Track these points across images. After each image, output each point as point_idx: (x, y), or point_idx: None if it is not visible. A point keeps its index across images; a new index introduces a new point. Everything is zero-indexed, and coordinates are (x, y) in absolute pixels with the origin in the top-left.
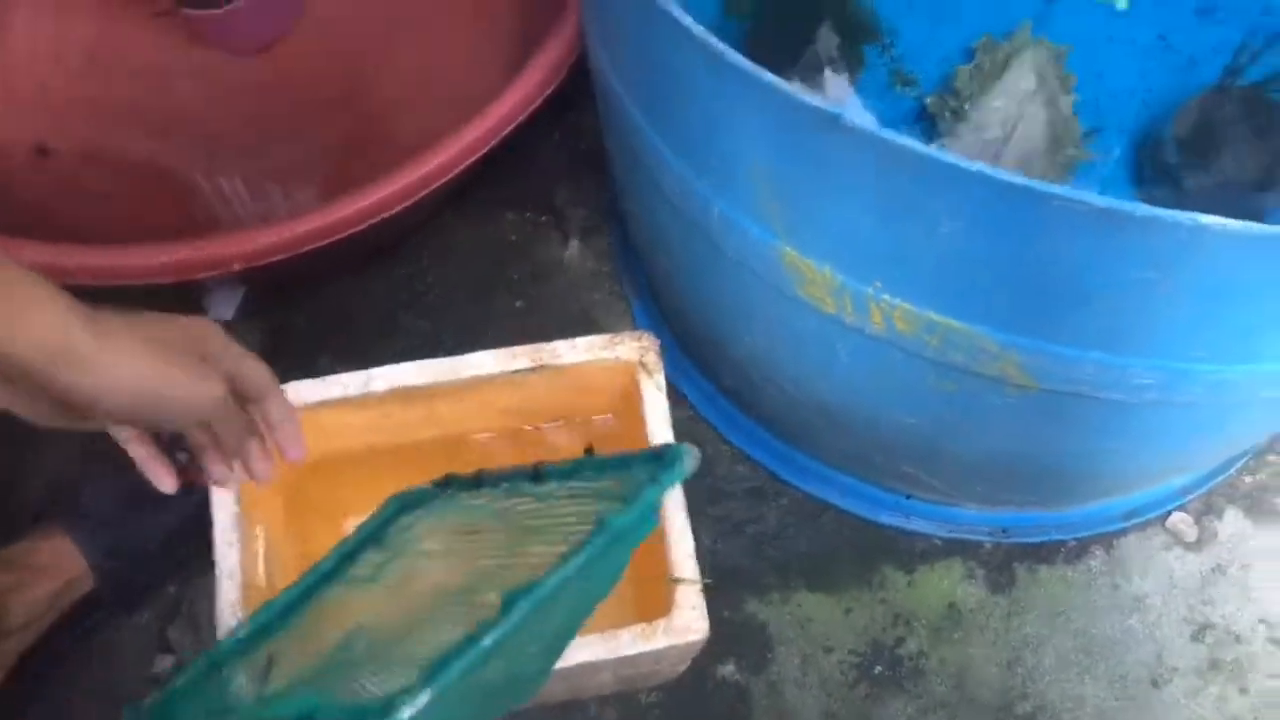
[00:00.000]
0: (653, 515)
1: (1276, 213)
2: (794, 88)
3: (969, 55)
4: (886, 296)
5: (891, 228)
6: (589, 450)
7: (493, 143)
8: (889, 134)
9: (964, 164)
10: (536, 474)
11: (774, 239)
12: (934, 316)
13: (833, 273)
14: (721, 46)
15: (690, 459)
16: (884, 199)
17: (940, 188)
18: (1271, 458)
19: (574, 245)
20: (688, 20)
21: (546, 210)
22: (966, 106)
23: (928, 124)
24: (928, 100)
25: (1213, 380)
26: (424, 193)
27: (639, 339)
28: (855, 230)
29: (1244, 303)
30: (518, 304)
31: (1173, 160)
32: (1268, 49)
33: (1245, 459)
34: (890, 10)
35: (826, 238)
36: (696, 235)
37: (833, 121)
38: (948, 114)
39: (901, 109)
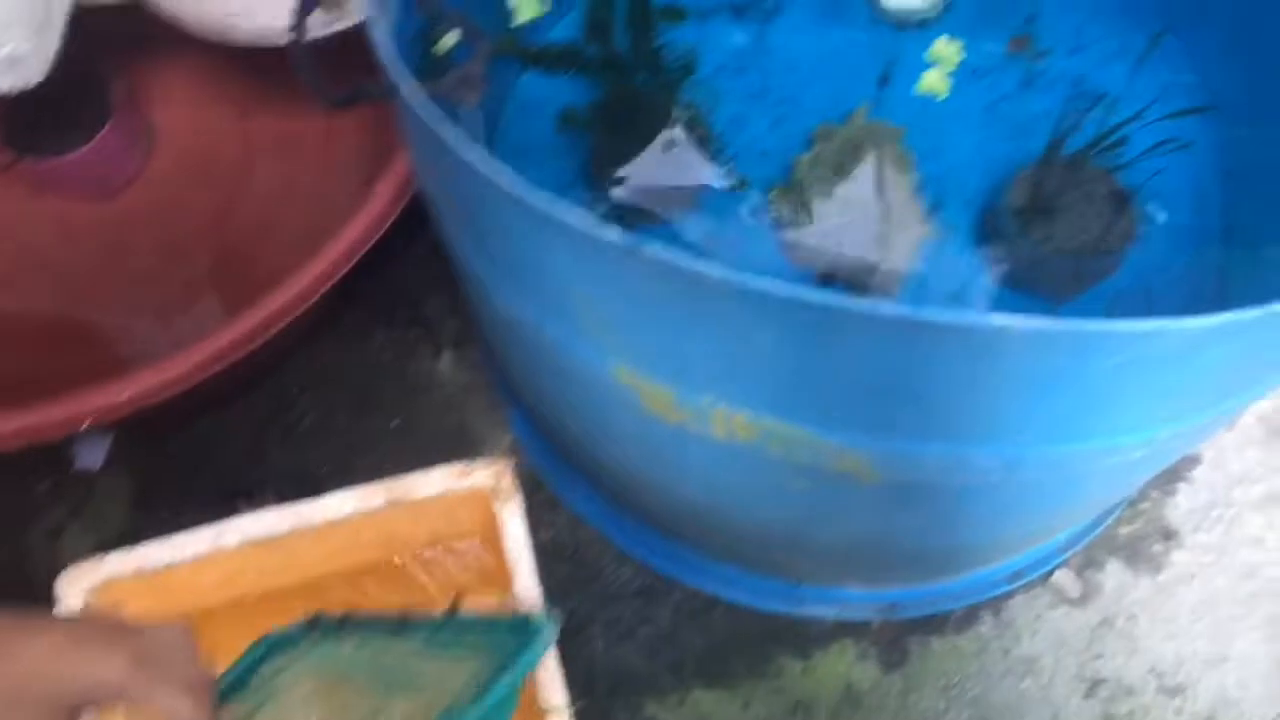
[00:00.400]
0: (512, 695)
1: (1121, 275)
2: (592, 223)
3: (809, 144)
4: (723, 407)
5: (710, 344)
6: (455, 606)
7: (337, 276)
8: (685, 260)
9: (754, 283)
10: (402, 626)
11: (607, 358)
12: (771, 423)
13: (667, 388)
14: (520, 187)
15: (549, 631)
16: (696, 319)
17: (742, 307)
18: (1144, 505)
19: (447, 357)
20: (483, 161)
21: (418, 323)
22: (807, 198)
23: (774, 216)
24: (770, 194)
25: (1051, 460)
26: (274, 330)
27: (493, 466)
28: (678, 348)
29: (1056, 391)
30: (394, 423)
31: (1011, 231)
32: (1085, 118)
33: (1119, 510)
34: (726, 115)
35: (653, 356)
36: (538, 354)
37: (632, 253)
38: (788, 207)
39: (753, 200)
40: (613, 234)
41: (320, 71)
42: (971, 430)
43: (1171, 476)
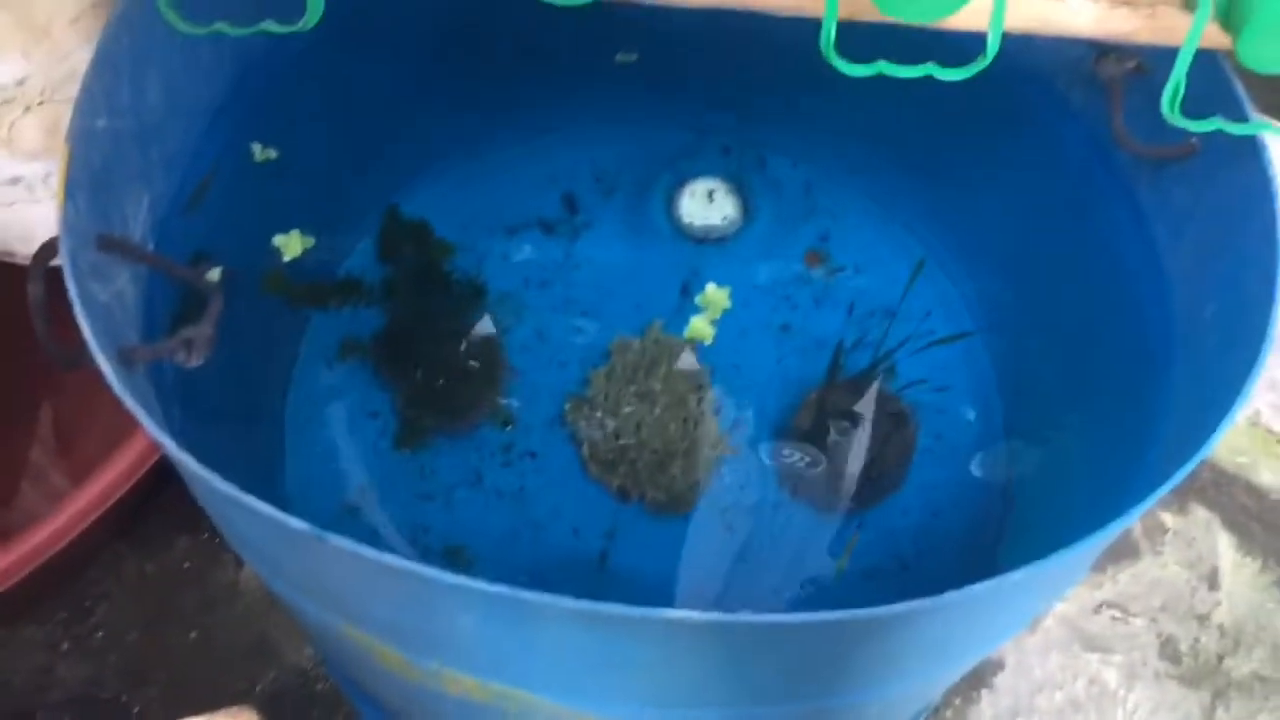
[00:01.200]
0: None
1: (896, 498)
2: (273, 511)
3: (607, 356)
4: (450, 671)
5: (415, 614)
6: None
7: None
8: (368, 551)
9: (434, 575)
10: None
11: (336, 618)
12: (500, 688)
13: (395, 651)
14: (203, 472)
15: None
16: (388, 594)
17: (432, 592)
18: (948, 713)
19: (249, 568)
20: (170, 445)
21: (220, 532)
22: (600, 414)
23: (572, 425)
24: (565, 406)
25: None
26: (48, 554)
27: (234, 716)
28: (392, 618)
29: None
30: (192, 635)
31: (797, 453)
32: (869, 336)
33: (923, 717)
34: (529, 328)
35: (370, 621)
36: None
37: (318, 540)
38: (583, 421)
39: (550, 413)
40: (299, 523)
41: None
42: (683, 696)
43: (975, 682)
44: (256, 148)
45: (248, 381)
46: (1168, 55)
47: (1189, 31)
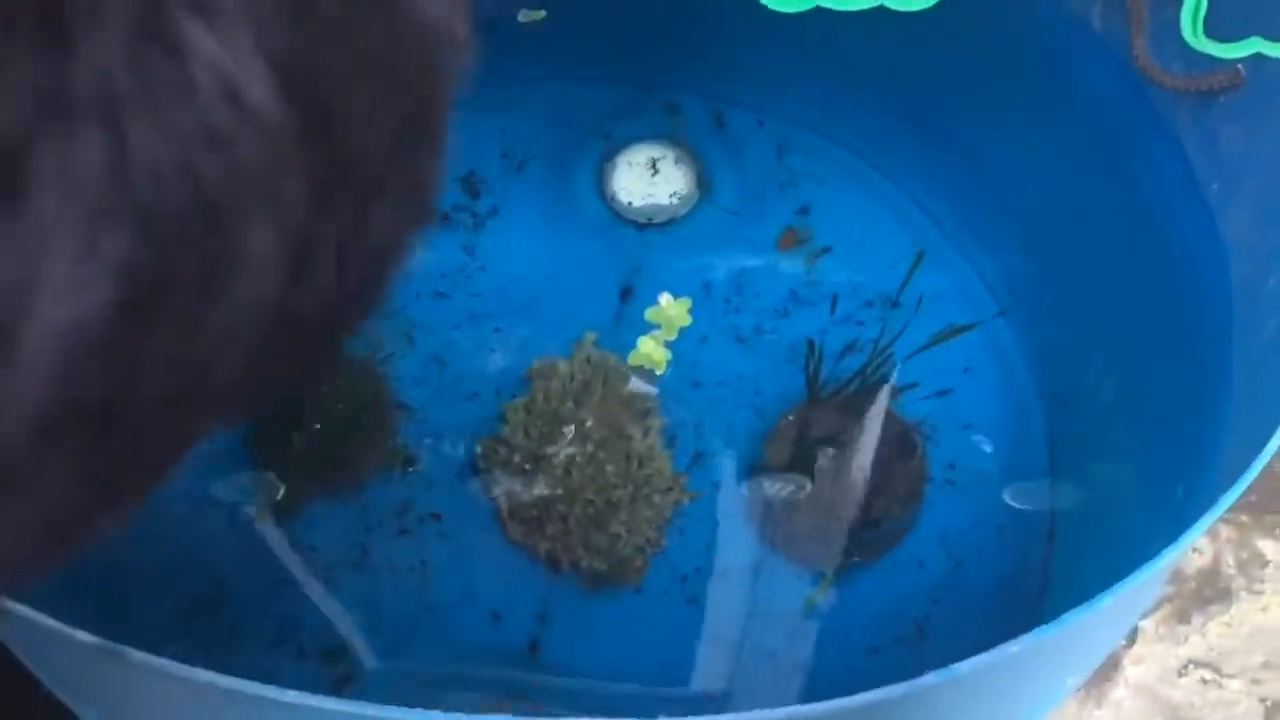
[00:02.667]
0: None
1: (906, 545)
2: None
3: (526, 383)
4: None
5: None
6: None
7: None
8: (162, 665)
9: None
10: None
11: None
12: None
13: None
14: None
15: None
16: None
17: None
18: None
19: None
20: None
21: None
22: (519, 458)
23: (485, 475)
24: (476, 450)
25: None
26: None
27: None
28: None
29: None
30: None
31: (774, 492)
32: (856, 343)
33: None
34: (425, 353)
35: None
36: None
37: (118, 655)
38: (498, 469)
39: (455, 461)
40: (94, 640)
41: None
42: None
43: None
44: None
45: None
46: None
47: None
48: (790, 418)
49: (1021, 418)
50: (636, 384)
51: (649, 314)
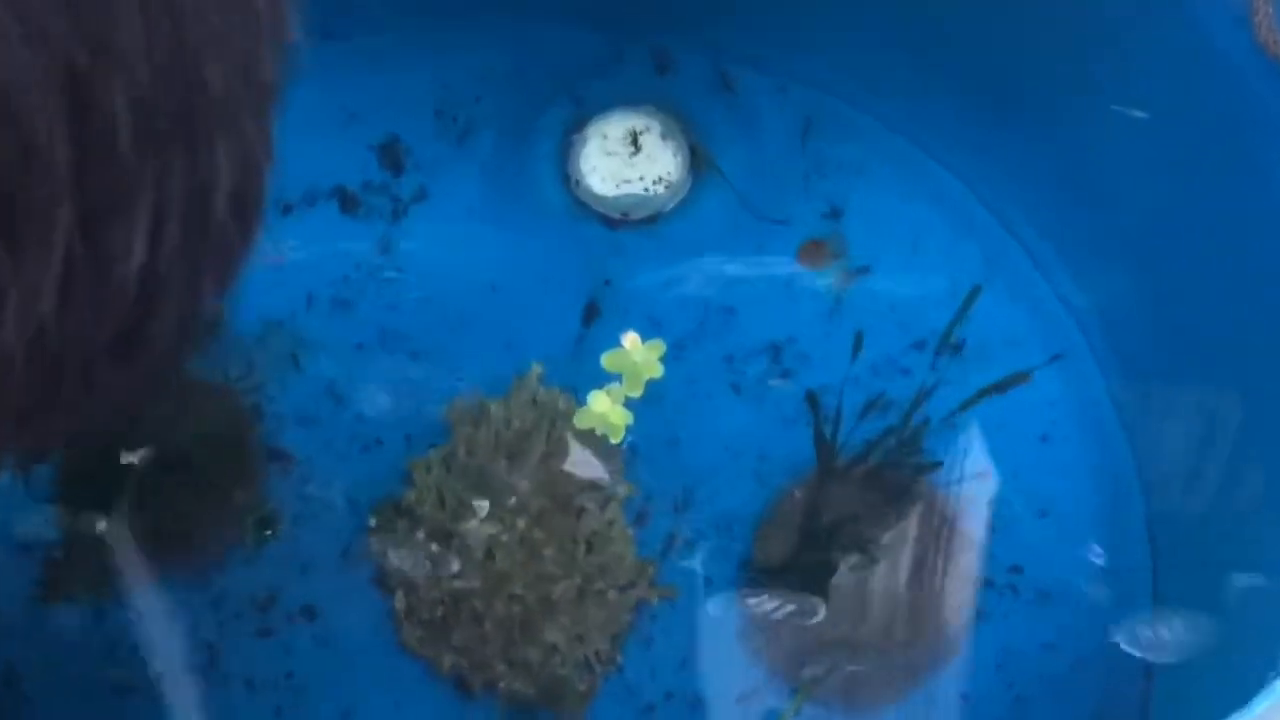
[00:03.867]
0: None
1: (950, 675)
2: None
3: (446, 431)
4: None
5: None
6: None
7: None
8: None
9: None
10: None
11: None
12: None
13: None
14: None
15: None
16: None
17: None
18: None
19: None
20: None
21: None
22: (424, 535)
23: (379, 556)
24: (369, 522)
25: None
26: None
27: None
28: None
29: None
30: None
31: (770, 606)
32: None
33: None
34: (316, 383)
35: None
36: None
37: None
38: (393, 551)
39: (340, 535)
40: None
41: None
42: None
43: None
44: None
45: None
46: None
47: None
48: (796, 493)
49: (1116, 506)
50: (594, 441)
51: (606, 361)
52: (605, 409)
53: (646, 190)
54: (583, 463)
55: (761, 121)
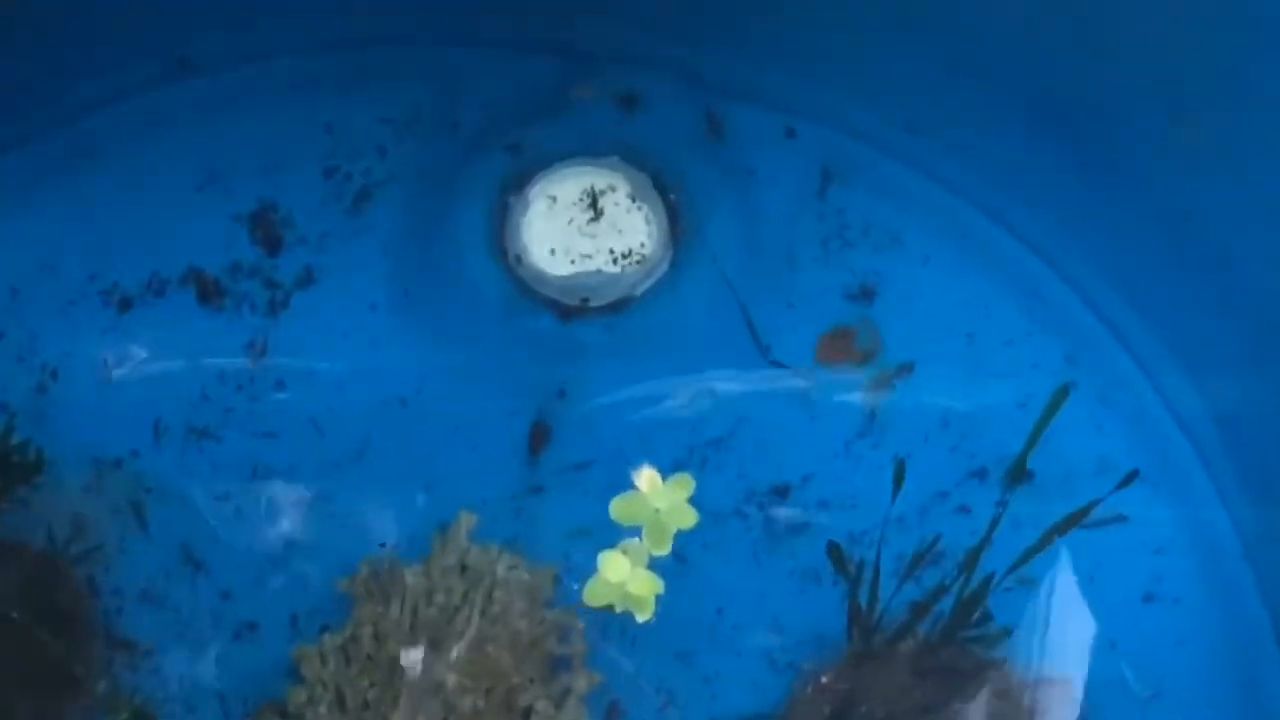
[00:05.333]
0: None
1: None
2: None
3: (342, 606)
4: None
5: None
6: None
7: None
8: None
9: None
10: None
11: None
12: None
13: None
14: None
15: None
16: None
17: None
18: None
19: None
20: None
21: None
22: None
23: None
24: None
25: None
26: None
27: None
28: None
29: None
30: None
31: None
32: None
33: None
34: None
35: None
36: None
37: None
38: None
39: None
40: None
41: None
42: None
43: None
44: None
45: None
46: None
47: None
48: (823, 680)
49: (1250, 684)
50: (541, 612)
51: (617, 509)
52: (623, 575)
53: (611, 268)
54: (532, 642)
55: (762, 174)
